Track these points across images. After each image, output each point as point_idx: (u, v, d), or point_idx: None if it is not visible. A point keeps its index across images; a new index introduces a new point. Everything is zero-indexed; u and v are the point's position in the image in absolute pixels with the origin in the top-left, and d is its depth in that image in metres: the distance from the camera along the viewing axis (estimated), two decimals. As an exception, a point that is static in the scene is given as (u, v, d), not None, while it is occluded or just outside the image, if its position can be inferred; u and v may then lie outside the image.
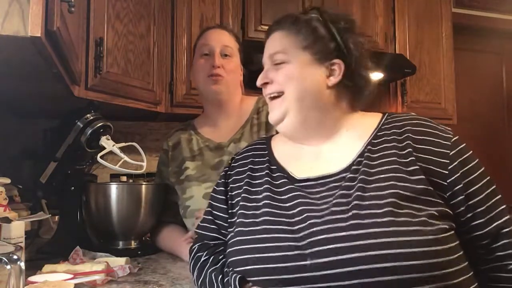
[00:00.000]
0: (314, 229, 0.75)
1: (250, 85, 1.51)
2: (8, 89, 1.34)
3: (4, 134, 1.71)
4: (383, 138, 0.85)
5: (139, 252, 1.37)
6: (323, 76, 0.88)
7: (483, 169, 0.81)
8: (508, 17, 3.21)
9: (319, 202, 0.80)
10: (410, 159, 0.79)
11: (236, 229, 0.85)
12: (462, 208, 0.77)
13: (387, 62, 2.24)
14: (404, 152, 0.80)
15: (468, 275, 0.74)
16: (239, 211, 0.88)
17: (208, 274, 0.88)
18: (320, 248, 0.73)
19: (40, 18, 0.83)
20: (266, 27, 2.07)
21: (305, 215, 0.78)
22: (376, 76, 2.33)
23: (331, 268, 0.71)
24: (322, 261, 0.72)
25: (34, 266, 1.05)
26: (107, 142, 1.33)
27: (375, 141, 0.85)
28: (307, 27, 0.91)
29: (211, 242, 0.95)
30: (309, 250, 0.73)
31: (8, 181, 1.24)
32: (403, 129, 0.84)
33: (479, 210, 0.78)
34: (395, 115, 0.89)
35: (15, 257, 0.61)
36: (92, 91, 1.49)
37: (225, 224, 0.92)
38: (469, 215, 0.78)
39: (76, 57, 1.28)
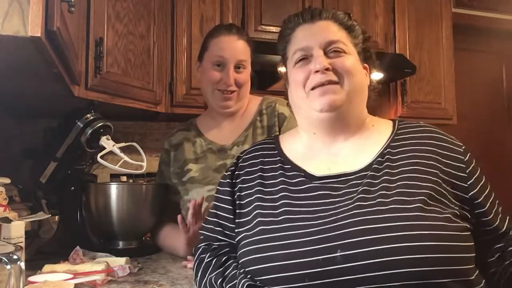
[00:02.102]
0: (343, 222, 0.76)
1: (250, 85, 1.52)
2: (8, 89, 1.34)
3: (4, 134, 1.71)
4: (401, 142, 0.88)
5: (139, 252, 1.37)
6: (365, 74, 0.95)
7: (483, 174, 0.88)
8: (508, 17, 3.21)
9: (342, 198, 0.81)
10: (431, 162, 0.83)
11: (254, 229, 0.84)
12: (484, 209, 0.84)
13: (387, 62, 2.24)
14: (425, 154, 0.85)
15: (477, 274, 0.77)
16: (256, 211, 0.87)
17: (209, 278, 0.88)
18: (351, 240, 0.73)
19: (40, 18, 0.83)
20: (266, 27, 2.12)
21: (330, 211, 0.79)
22: (376, 76, 2.33)
23: (361, 259, 0.71)
24: (353, 253, 0.72)
25: (34, 266, 1.05)
26: (107, 142, 1.33)
27: (394, 144, 0.89)
28: (355, 27, 0.96)
29: (215, 243, 0.95)
30: (339, 242, 0.74)
31: (8, 181, 1.24)
32: (422, 134, 0.89)
33: (494, 210, 0.86)
34: (407, 123, 0.94)
35: (15, 257, 0.61)
36: (92, 91, 1.49)
37: (230, 225, 0.91)
38: (490, 216, 0.84)
39: (76, 57, 1.28)
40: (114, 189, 1.36)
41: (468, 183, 0.83)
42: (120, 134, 2.00)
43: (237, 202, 0.92)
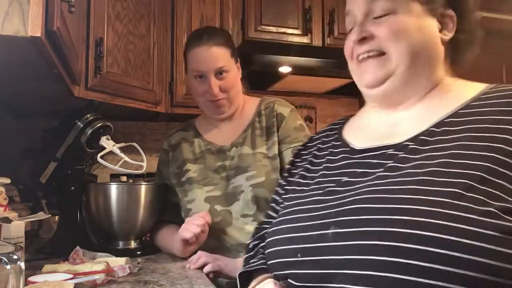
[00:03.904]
0: (347, 199, 0.69)
1: (250, 85, 1.52)
2: (8, 89, 1.34)
3: (4, 134, 1.71)
4: (474, 110, 0.70)
5: (139, 252, 1.37)
6: (436, 29, 0.76)
7: None
8: (508, 17, 3.20)
9: (369, 171, 0.72)
10: (502, 136, 0.64)
11: (282, 205, 0.84)
12: None
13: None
14: (498, 127, 0.65)
15: None
16: (292, 187, 0.86)
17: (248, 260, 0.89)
18: (345, 218, 0.66)
19: (40, 18, 0.83)
20: (266, 27, 2.12)
21: (347, 187, 0.72)
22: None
23: (350, 239, 0.64)
24: (344, 231, 0.65)
25: (34, 266, 1.05)
26: (107, 142, 1.33)
27: (463, 111, 0.71)
28: None
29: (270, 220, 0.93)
30: (334, 219, 0.67)
31: (8, 181, 1.24)
32: (509, 100, 0.68)
33: None
34: (504, 86, 0.73)
35: (15, 257, 0.60)
36: (92, 91, 1.49)
37: (280, 200, 0.91)
38: None
39: (76, 57, 1.28)
40: (114, 189, 1.36)
41: None
42: (120, 134, 2.00)
43: (288, 178, 0.91)
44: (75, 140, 1.35)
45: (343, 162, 0.79)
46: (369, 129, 0.82)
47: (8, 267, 0.59)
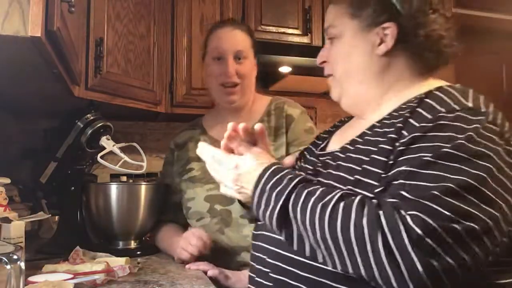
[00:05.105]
0: None
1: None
2: (8, 89, 1.34)
3: (4, 134, 1.71)
4: (397, 113, 0.72)
5: (139, 252, 1.37)
6: (372, 45, 0.79)
7: None
8: (508, 17, 3.20)
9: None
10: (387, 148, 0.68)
11: None
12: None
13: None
14: (390, 136, 0.69)
15: None
16: None
17: None
18: (262, 232, 0.81)
19: (40, 18, 0.83)
20: (266, 27, 2.12)
21: None
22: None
23: (262, 242, 0.79)
24: (261, 234, 0.80)
25: (34, 266, 1.05)
26: (107, 142, 1.33)
27: (386, 116, 0.75)
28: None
29: None
30: (258, 232, 0.82)
31: (8, 181, 1.24)
32: (408, 104, 0.72)
33: None
34: (443, 89, 0.74)
35: (15, 257, 0.60)
36: (92, 91, 1.49)
37: None
38: None
39: (76, 57, 1.28)
40: (114, 189, 1.36)
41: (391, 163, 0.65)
42: (120, 134, 1.99)
43: None
44: (75, 140, 1.35)
45: (308, 165, 0.86)
46: (349, 131, 0.84)
47: (8, 267, 0.59)
